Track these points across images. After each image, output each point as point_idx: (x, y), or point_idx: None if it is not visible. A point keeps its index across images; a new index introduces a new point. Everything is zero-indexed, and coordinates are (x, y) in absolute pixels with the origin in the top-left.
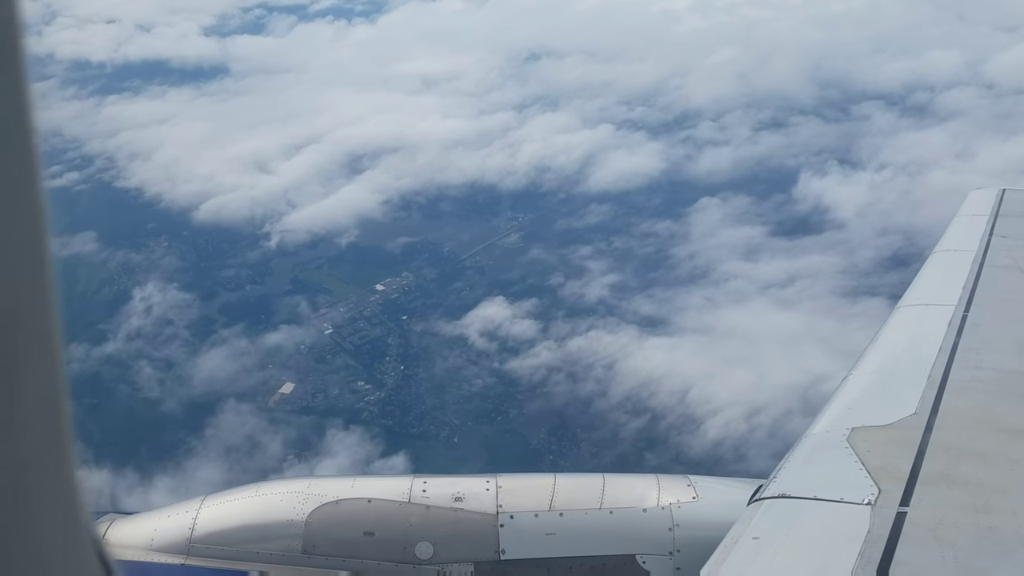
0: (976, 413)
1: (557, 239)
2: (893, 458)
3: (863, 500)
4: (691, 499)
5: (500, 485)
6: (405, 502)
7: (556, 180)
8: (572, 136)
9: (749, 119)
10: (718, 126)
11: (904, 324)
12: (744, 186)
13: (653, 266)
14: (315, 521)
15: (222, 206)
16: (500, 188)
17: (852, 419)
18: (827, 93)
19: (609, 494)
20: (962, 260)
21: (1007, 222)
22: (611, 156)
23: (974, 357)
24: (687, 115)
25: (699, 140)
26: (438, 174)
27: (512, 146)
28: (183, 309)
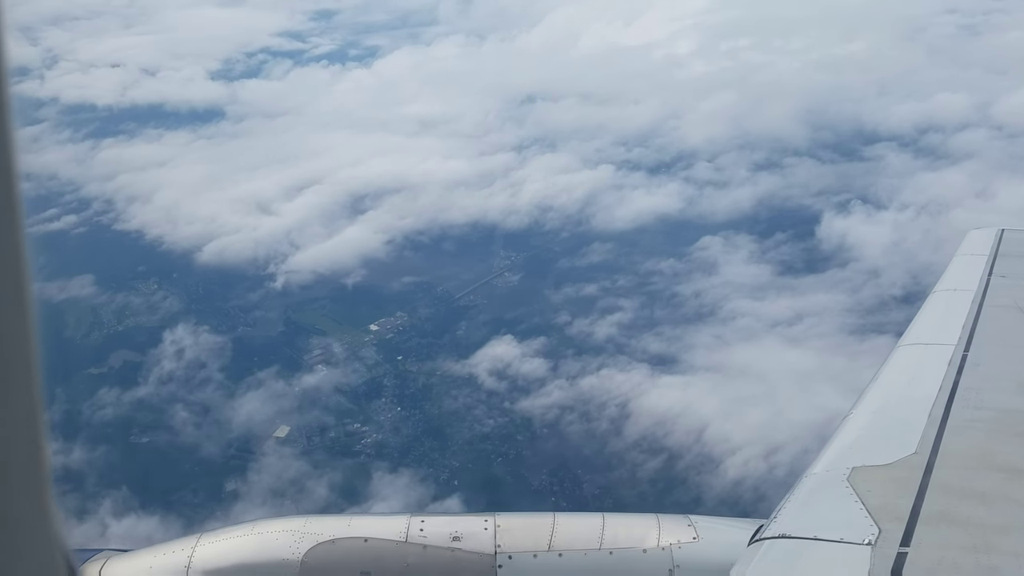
0: (977, 453)
1: (561, 278)
2: (893, 498)
3: (863, 540)
4: (691, 539)
5: (499, 525)
6: (402, 541)
7: (559, 219)
8: (573, 176)
9: (745, 160)
10: (714, 167)
11: (904, 363)
12: (744, 225)
13: (660, 304)
14: (311, 560)
15: (226, 247)
16: (503, 227)
17: (852, 458)
18: (831, 135)
19: (609, 534)
20: (962, 299)
21: (1006, 262)
22: (612, 196)
23: (974, 396)
24: (683, 156)
25: (698, 180)
26: (441, 214)
27: (514, 186)
28: (173, 353)
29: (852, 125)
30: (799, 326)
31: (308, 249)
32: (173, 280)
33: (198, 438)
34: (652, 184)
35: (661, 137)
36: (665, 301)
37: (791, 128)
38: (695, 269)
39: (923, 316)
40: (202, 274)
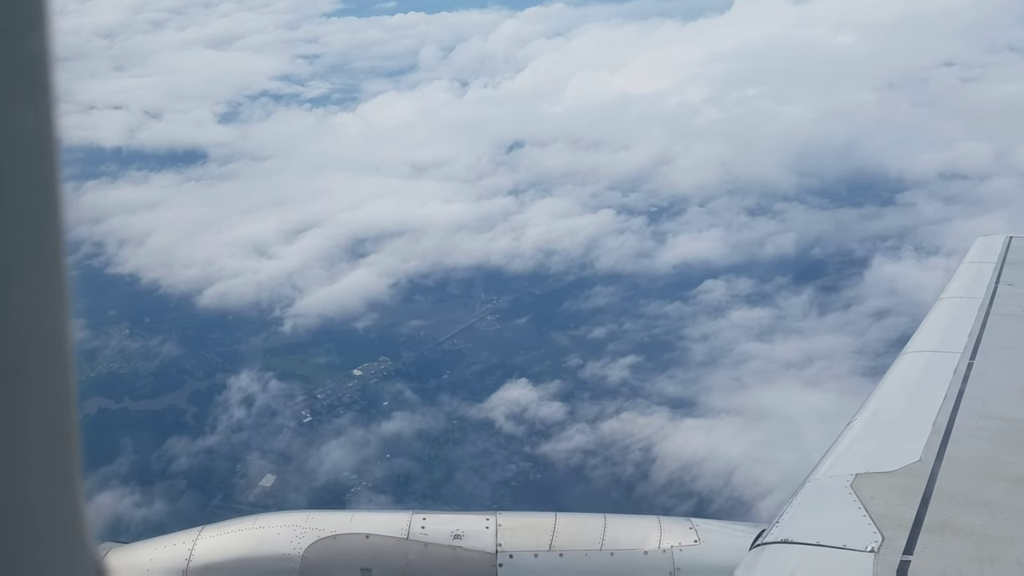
0: (981, 462)
1: (569, 320)
2: (897, 505)
3: (866, 547)
4: (693, 542)
5: (500, 523)
6: (403, 538)
7: (563, 263)
8: (575, 220)
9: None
10: (707, 211)
11: (909, 371)
12: (745, 269)
13: (668, 348)
14: (312, 556)
15: (227, 291)
16: (507, 271)
17: (856, 465)
18: (838, 182)
19: (610, 535)
20: (968, 307)
21: (1013, 270)
22: (614, 240)
23: (980, 405)
24: (678, 200)
25: (697, 224)
26: (445, 257)
27: (515, 230)
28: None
29: (867, 173)
30: (812, 368)
31: (312, 293)
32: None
33: (178, 488)
34: (651, 228)
35: (653, 182)
36: (674, 344)
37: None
38: (700, 312)
39: (929, 323)
40: (202, 318)
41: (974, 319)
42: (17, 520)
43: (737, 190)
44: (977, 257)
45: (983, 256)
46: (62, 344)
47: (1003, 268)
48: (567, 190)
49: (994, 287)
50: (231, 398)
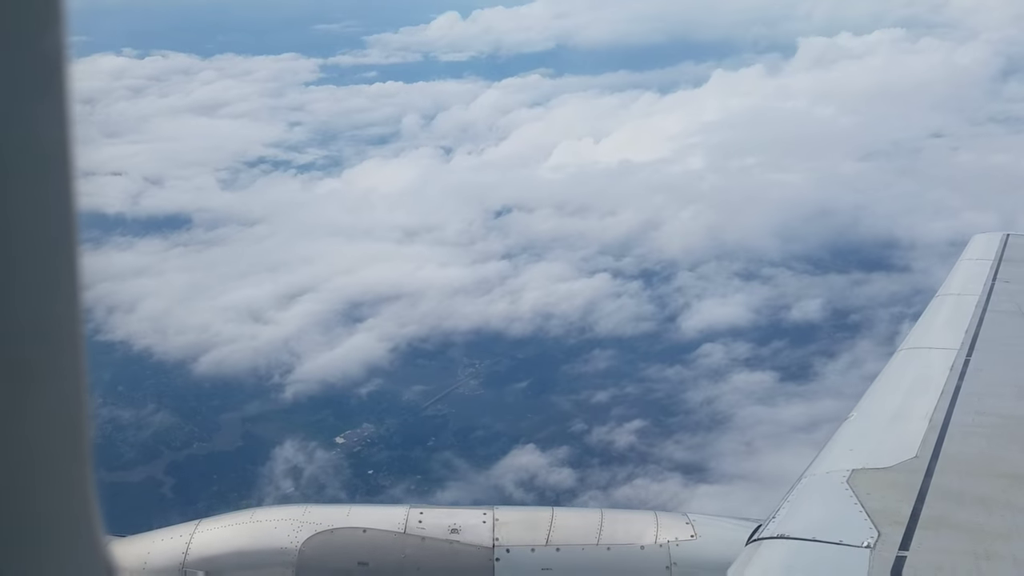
0: (977, 458)
1: (570, 384)
2: (893, 501)
3: (862, 543)
4: (689, 537)
5: (497, 518)
6: (400, 533)
7: (561, 326)
8: (572, 284)
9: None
10: (697, 275)
11: (906, 367)
12: (742, 333)
13: (673, 412)
14: (309, 549)
15: (223, 358)
16: (508, 334)
17: (852, 461)
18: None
19: (607, 530)
20: (965, 304)
21: (1011, 267)
22: (611, 303)
23: (976, 402)
24: (672, 265)
25: (692, 288)
26: (443, 321)
27: (513, 293)
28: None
29: (859, 239)
30: (818, 432)
31: (310, 358)
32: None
33: None
34: (647, 292)
35: (642, 247)
36: (678, 408)
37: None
38: (701, 375)
39: (926, 320)
40: (197, 385)
41: (971, 316)
42: (30, 514)
43: (724, 255)
44: (974, 254)
45: (980, 253)
46: (75, 339)
47: (1000, 265)
48: (559, 254)
49: (991, 284)
50: (215, 468)
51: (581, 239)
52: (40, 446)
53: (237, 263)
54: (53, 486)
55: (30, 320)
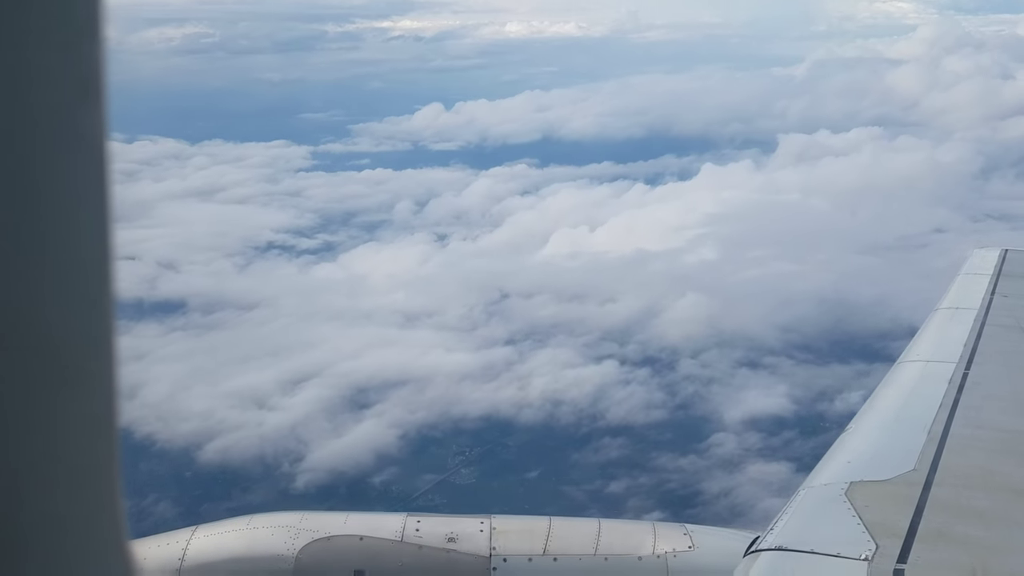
0: (976, 471)
1: (583, 474)
2: (891, 514)
3: (860, 555)
4: (687, 548)
5: (495, 527)
6: (398, 541)
7: (572, 413)
8: (580, 371)
9: (736, 357)
10: (700, 363)
11: (905, 380)
12: (752, 424)
13: (689, 503)
14: (306, 557)
15: (230, 445)
16: (517, 421)
17: (851, 473)
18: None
19: (605, 540)
20: (964, 318)
21: (1009, 282)
22: (621, 391)
23: (974, 415)
24: (675, 352)
25: (697, 376)
26: (451, 407)
27: (521, 379)
28: None
29: (861, 330)
30: None
31: (320, 445)
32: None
33: None
34: (656, 380)
35: (643, 333)
36: (693, 499)
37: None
38: (715, 466)
39: (925, 333)
40: (203, 474)
41: (969, 329)
42: (60, 519)
43: (724, 343)
44: (973, 269)
45: (979, 268)
46: (108, 346)
47: (999, 280)
48: (562, 340)
49: (990, 298)
50: None
51: (581, 325)
52: (71, 449)
53: (238, 348)
54: (86, 492)
55: (65, 325)
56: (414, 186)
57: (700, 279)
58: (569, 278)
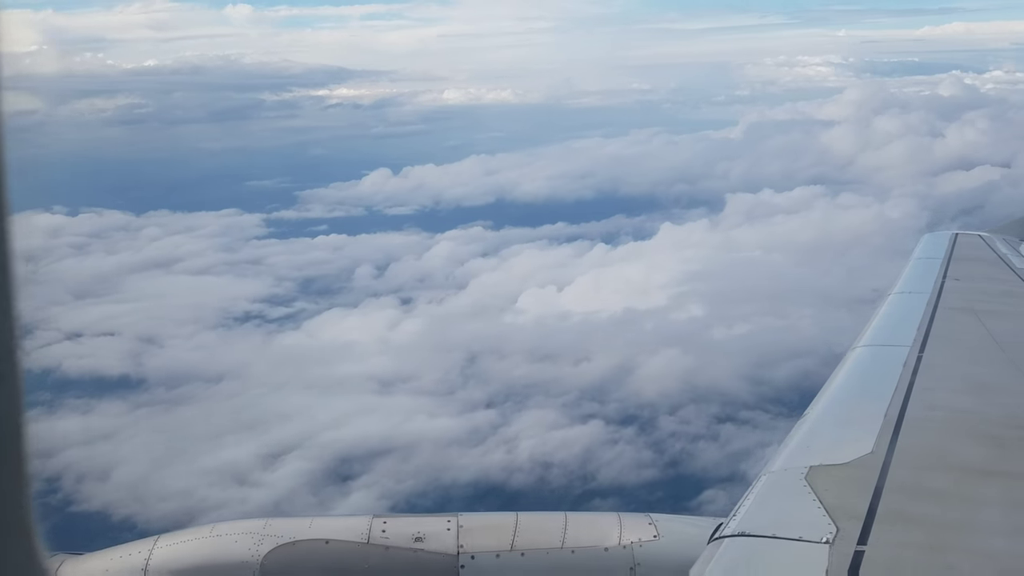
0: (931, 452)
1: None
2: (851, 497)
3: (821, 539)
4: (652, 538)
5: (462, 525)
6: (364, 543)
7: (563, 475)
8: (566, 431)
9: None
10: (678, 419)
11: (861, 364)
12: (737, 479)
13: None
14: (271, 563)
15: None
16: (508, 486)
17: (810, 458)
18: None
19: (571, 533)
20: (917, 302)
21: (960, 265)
22: (609, 451)
23: (929, 397)
24: (648, 407)
25: (678, 434)
26: (440, 474)
27: (508, 442)
28: None
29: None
30: None
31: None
32: None
33: None
34: (641, 438)
35: (620, 391)
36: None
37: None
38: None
39: (879, 318)
40: None
41: (923, 313)
42: None
43: (699, 398)
44: (925, 253)
45: (931, 252)
46: (10, 353)
47: (950, 264)
48: (541, 401)
49: (941, 282)
50: None
51: (558, 385)
52: None
53: (211, 423)
54: None
55: None
56: (372, 251)
57: (672, 336)
58: (541, 338)
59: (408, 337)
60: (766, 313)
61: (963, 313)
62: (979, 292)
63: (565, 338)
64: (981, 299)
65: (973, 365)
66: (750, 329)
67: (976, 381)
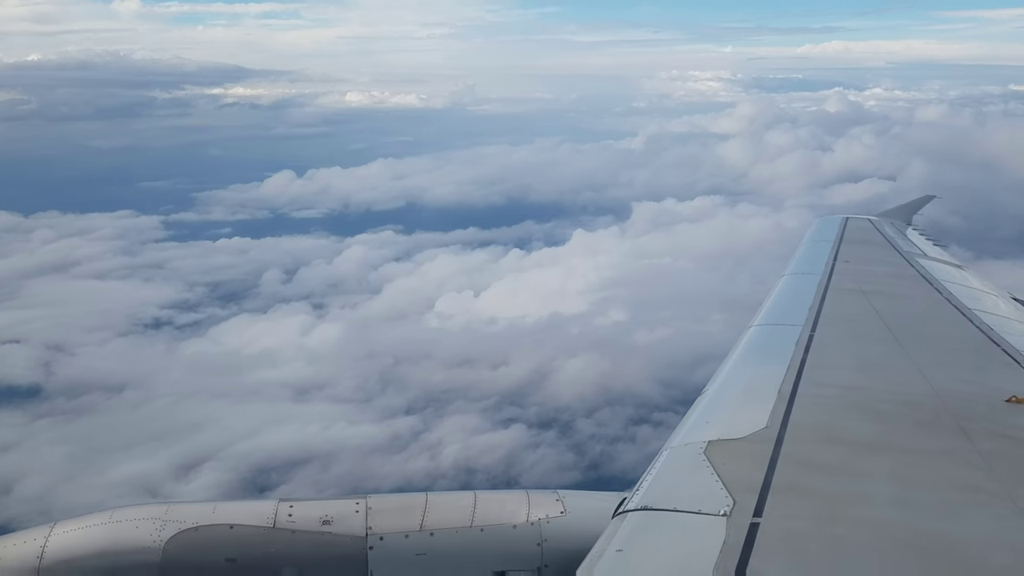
0: (822, 427)
1: None
2: (747, 470)
3: (719, 511)
4: (559, 513)
5: (370, 507)
6: (270, 527)
7: (487, 481)
8: (489, 437)
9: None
10: (594, 421)
11: (756, 343)
12: None
13: None
14: (173, 548)
15: None
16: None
17: (708, 433)
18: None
19: (480, 512)
20: (809, 283)
21: (850, 248)
22: (531, 455)
23: (820, 374)
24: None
25: (597, 436)
26: (361, 483)
27: (431, 448)
28: None
29: None
30: None
31: None
32: None
33: None
34: (563, 441)
35: (536, 395)
36: None
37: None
38: None
39: (773, 298)
40: None
41: (814, 294)
42: None
43: (614, 401)
44: (817, 236)
45: (823, 235)
46: None
47: (841, 246)
48: (461, 406)
49: (832, 264)
50: None
51: (476, 390)
52: None
53: (117, 433)
54: None
55: None
56: (279, 255)
57: (587, 340)
58: (460, 343)
59: (323, 343)
60: (677, 318)
61: (852, 294)
62: (868, 274)
63: (484, 343)
64: (870, 280)
65: (861, 344)
66: (663, 333)
67: (864, 359)
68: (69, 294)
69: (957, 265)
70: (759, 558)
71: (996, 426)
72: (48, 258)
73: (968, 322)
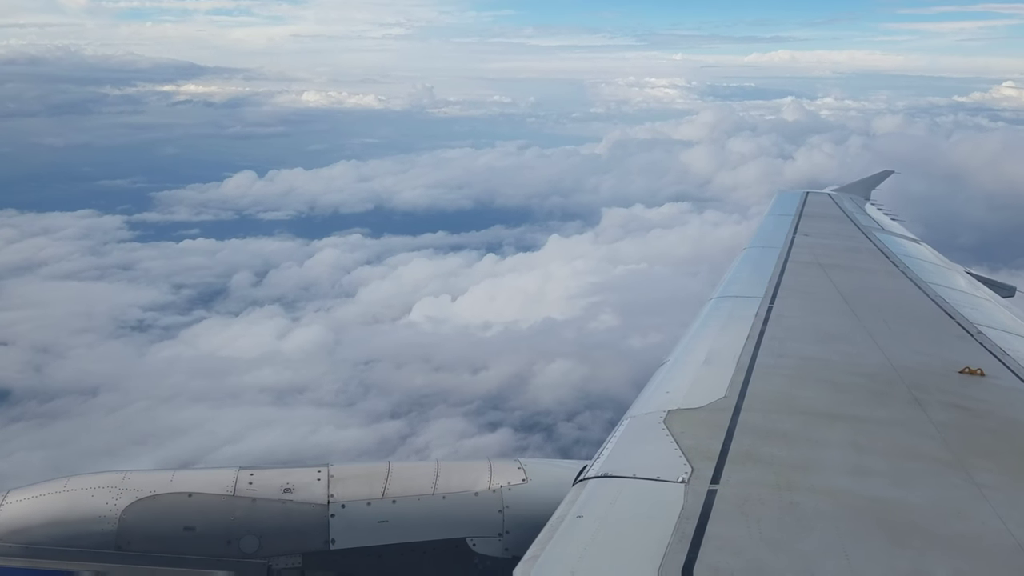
0: (779, 397)
1: None
2: (705, 439)
3: (678, 478)
4: (521, 481)
5: (332, 475)
6: (229, 495)
7: None
8: (478, 440)
9: (606, 418)
10: (575, 425)
11: (716, 314)
12: None
13: None
14: (130, 516)
15: None
16: None
17: (668, 402)
18: None
19: (443, 480)
20: (769, 256)
21: (809, 222)
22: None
23: (778, 345)
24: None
25: (581, 440)
26: None
27: (420, 452)
28: None
29: None
30: None
31: None
32: None
33: None
34: (549, 445)
35: (517, 399)
36: None
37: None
38: None
39: (734, 271)
40: None
41: (774, 266)
42: None
43: (593, 405)
44: (777, 210)
45: (783, 209)
46: None
47: (800, 220)
48: (444, 410)
49: (792, 237)
50: None
51: (458, 394)
52: None
53: (96, 438)
54: None
55: None
56: (248, 257)
57: (569, 345)
58: (439, 348)
59: (300, 347)
60: (660, 322)
61: (811, 267)
62: (826, 247)
63: (463, 348)
64: (828, 254)
65: (819, 315)
66: (647, 338)
67: (821, 330)
68: (42, 296)
69: (914, 239)
70: (716, 524)
71: (949, 397)
72: (12, 258)
73: (923, 295)
